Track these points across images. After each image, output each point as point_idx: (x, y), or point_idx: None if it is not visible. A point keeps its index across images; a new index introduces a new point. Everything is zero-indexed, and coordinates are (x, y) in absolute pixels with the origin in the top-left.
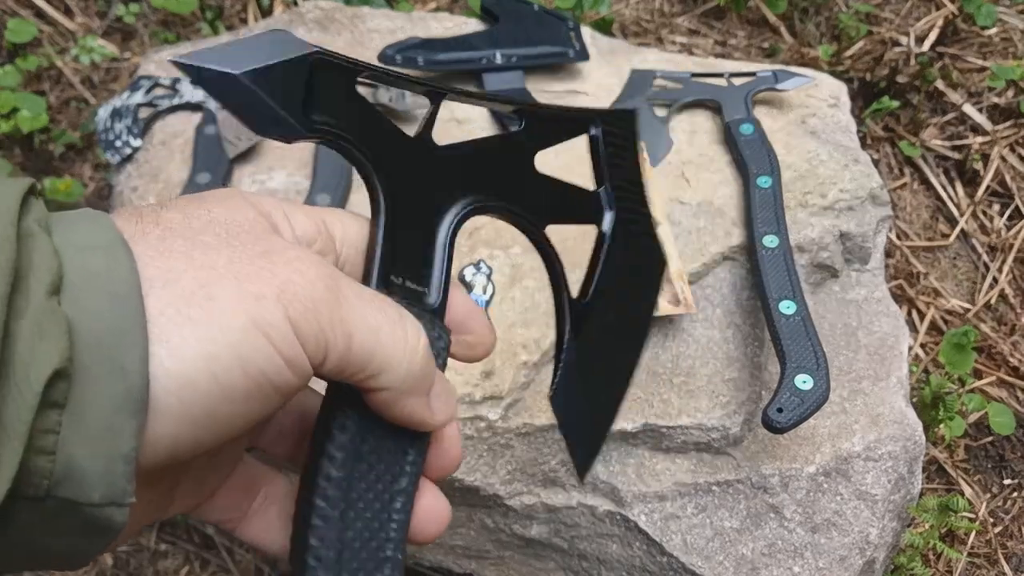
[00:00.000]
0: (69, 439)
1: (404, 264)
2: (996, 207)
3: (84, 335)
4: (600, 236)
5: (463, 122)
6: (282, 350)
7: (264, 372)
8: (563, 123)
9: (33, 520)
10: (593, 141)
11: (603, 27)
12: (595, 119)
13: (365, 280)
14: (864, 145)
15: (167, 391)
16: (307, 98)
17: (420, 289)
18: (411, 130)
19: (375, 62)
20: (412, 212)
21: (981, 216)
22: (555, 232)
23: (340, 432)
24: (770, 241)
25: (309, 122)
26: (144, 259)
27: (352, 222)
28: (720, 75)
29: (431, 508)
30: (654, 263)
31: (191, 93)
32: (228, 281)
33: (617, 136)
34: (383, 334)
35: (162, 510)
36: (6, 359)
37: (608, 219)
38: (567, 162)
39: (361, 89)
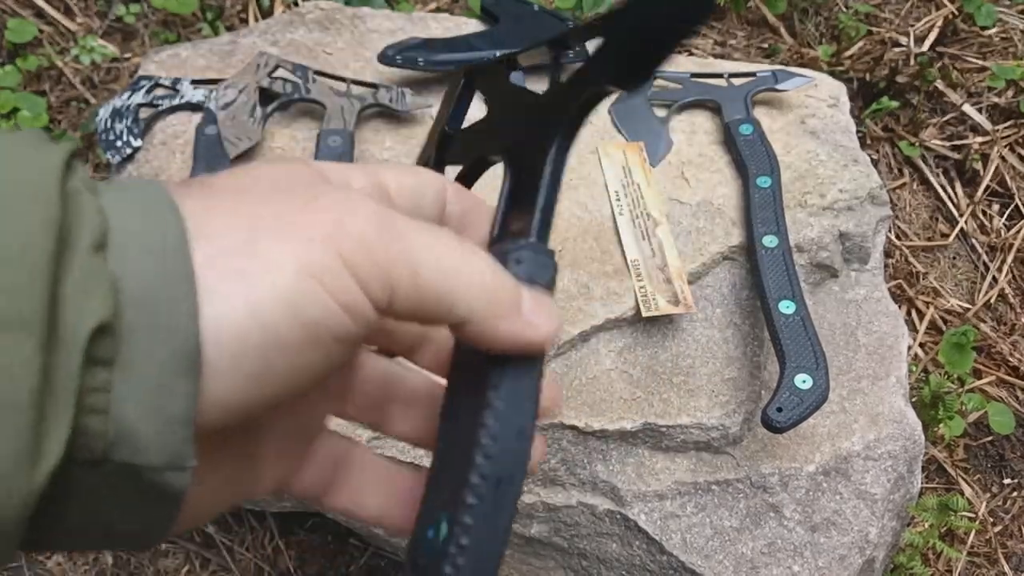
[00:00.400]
0: (121, 398)
1: (521, 205)
2: (996, 207)
3: (130, 292)
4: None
5: None
6: (337, 294)
7: (319, 319)
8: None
9: (95, 488)
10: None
11: None
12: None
13: (490, 234)
14: (864, 145)
15: (217, 346)
16: None
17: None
18: (410, 130)
19: (375, 63)
20: (524, 157)
21: (981, 216)
22: (556, 231)
23: (494, 395)
24: (769, 241)
25: None
26: (189, 215)
27: (406, 174)
28: (720, 75)
29: (539, 440)
30: None
31: (191, 93)
32: (275, 229)
33: None
34: (448, 262)
35: (249, 486)
36: (54, 318)
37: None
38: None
39: (359, 89)
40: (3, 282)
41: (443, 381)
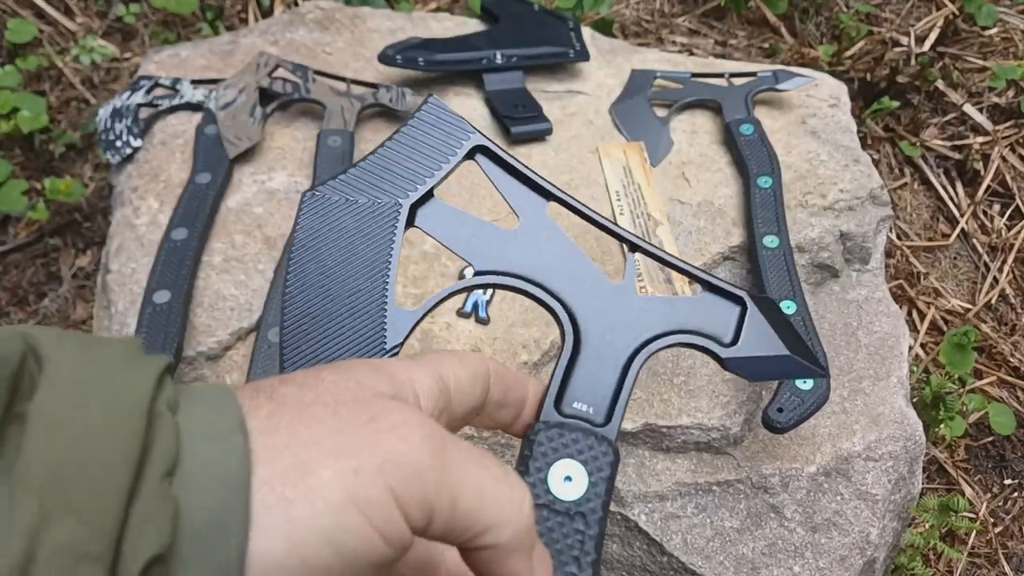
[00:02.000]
0: None
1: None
2: (996, 207)
3: (189, 523)
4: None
5: None
6: (379, 525)
7: (358, 549)
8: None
9: None
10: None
11: (603, 27)
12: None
13: (542, 402)
14: (864, 145)
15: (262, 547)
16: None
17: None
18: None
19: (375, 63)
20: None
21: (981, 216)
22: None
23: None
24: (770, 241)
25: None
26: (254, 433)
27: (462, 367)
28: (720, 75)
29: None
30: None
31: (191, 93)
32: (328, 456)
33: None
34: (488, 494)
35: None
36: (120, 545)
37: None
38: (566, 161)
39: (359, 89)
40: (84, 507)
41: None
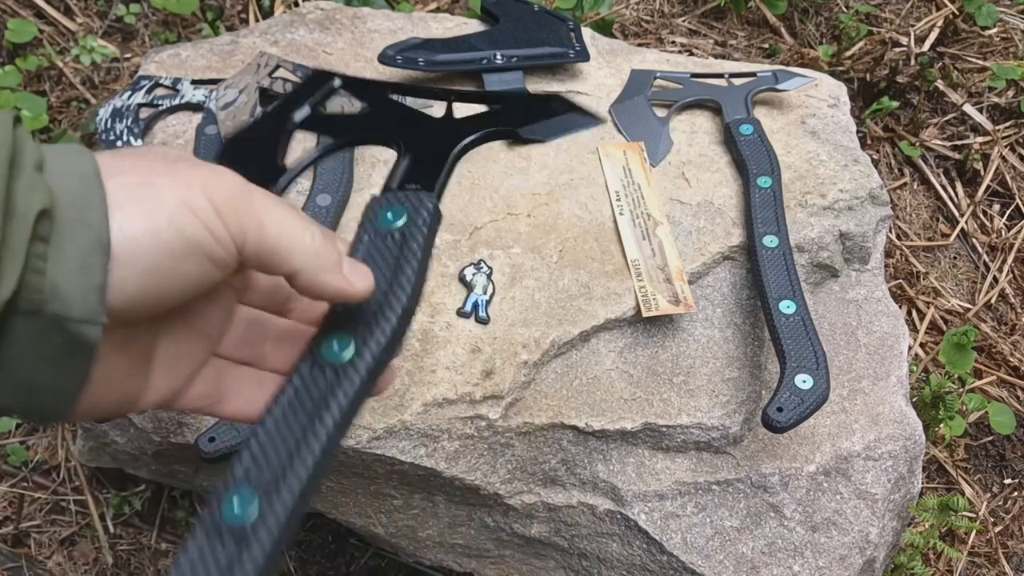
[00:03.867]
0: (54, 266)
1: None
2: (996, 207)
3: (62, 197)
4: None
5: None
6: (208, 225)
7: (195, 239)
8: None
9: (26, 335)
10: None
11: (603, 28)
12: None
13: (387, 183)
14: (864, 145)
15: (122, 244)
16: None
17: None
18: None
19: (375, 63)
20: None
21: (981, 216)
22: (556, 231)
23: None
24: (770, 241)
25: None
26: (102, 162)
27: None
28: (720, 75)
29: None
30: None
31: (191, 93)
32: (165, 176)
33: None
34: (286, 223)
35: (141, 389)
36: (9, 204)
37: None
38: (566, 161)
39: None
40: None
41: (306, 327)
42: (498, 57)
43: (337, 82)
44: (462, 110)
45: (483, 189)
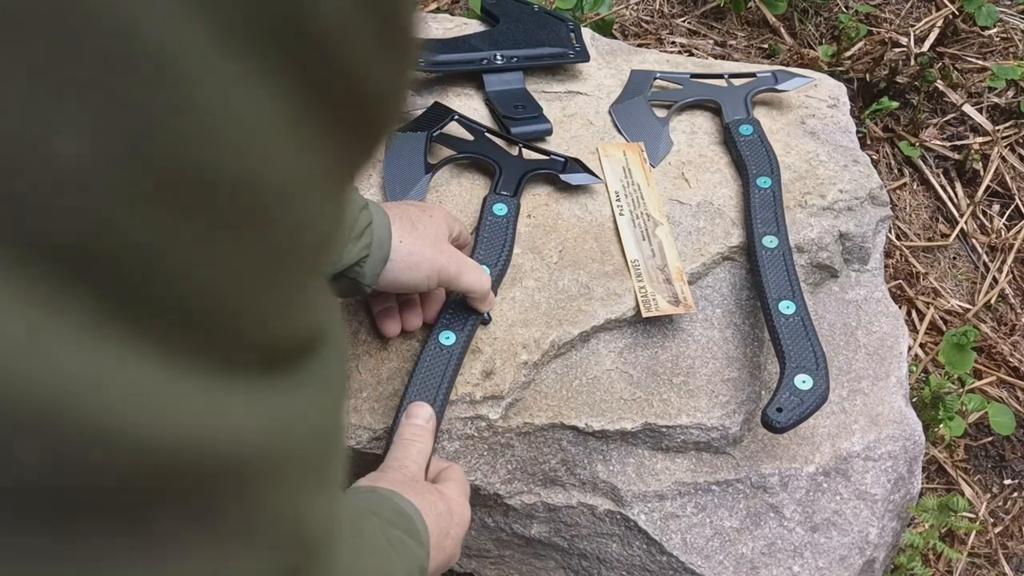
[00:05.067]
0: (365, 269)
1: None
2: (996, 207)
3: (374, 240)
4: None
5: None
6: (432, 282)
7: (425, 284)
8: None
9: (346, 284)
10: None
11: (603, 28)
12: None
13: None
14: (864, 145)
15: (392, 261)
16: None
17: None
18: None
19: None
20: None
21: (981, 216)
22: (556, 232)
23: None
24: (769, 241)
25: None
26: (391, 216)
27: (458, 225)
28: (720, 76)
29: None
30: None
31: None
32: (419, 233)
33: None
34: (472, 275)
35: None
36: (354, 228)
37: None
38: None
39: None
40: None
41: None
42: (498, 57)
43: (456, 115)
44: (528, 152)
45: (483, 190)
